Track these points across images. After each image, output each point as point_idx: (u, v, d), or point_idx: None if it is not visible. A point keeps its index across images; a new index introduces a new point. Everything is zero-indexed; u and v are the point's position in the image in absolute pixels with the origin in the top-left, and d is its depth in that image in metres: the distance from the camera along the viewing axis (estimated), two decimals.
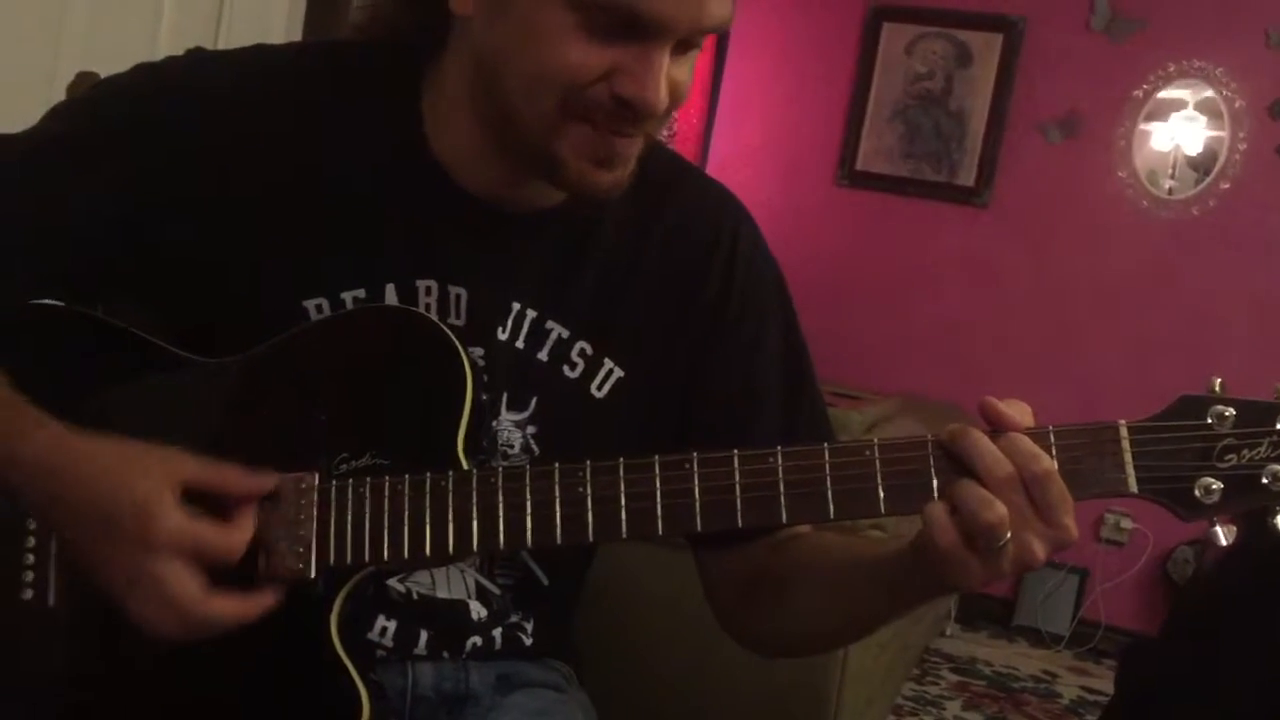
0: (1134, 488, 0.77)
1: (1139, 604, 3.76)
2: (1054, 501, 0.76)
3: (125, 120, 0.95)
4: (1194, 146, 3.82)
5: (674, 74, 0.86)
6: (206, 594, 0.83)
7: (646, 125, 0.88)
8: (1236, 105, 3.74)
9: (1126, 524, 3.76)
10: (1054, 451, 0.77)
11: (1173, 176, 3.86)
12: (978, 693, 3.20)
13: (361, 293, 0.95)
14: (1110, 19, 3.86)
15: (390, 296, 0.96)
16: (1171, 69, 3.81)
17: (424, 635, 0.99)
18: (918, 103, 4.12)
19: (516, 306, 0.98)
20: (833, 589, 0.94)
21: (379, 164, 0.96)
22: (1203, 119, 3.81)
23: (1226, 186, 3.76)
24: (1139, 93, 3.85)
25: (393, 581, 0.98)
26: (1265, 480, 0.75)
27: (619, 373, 1.01)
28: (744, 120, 4.32)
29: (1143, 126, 3.86)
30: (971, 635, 3.72)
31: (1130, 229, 3.86)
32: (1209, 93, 3.79)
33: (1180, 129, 3.83)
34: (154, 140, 0.94)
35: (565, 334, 0.99)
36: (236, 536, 0.85)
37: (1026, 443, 0.77)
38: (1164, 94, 3.84)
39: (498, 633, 1.03)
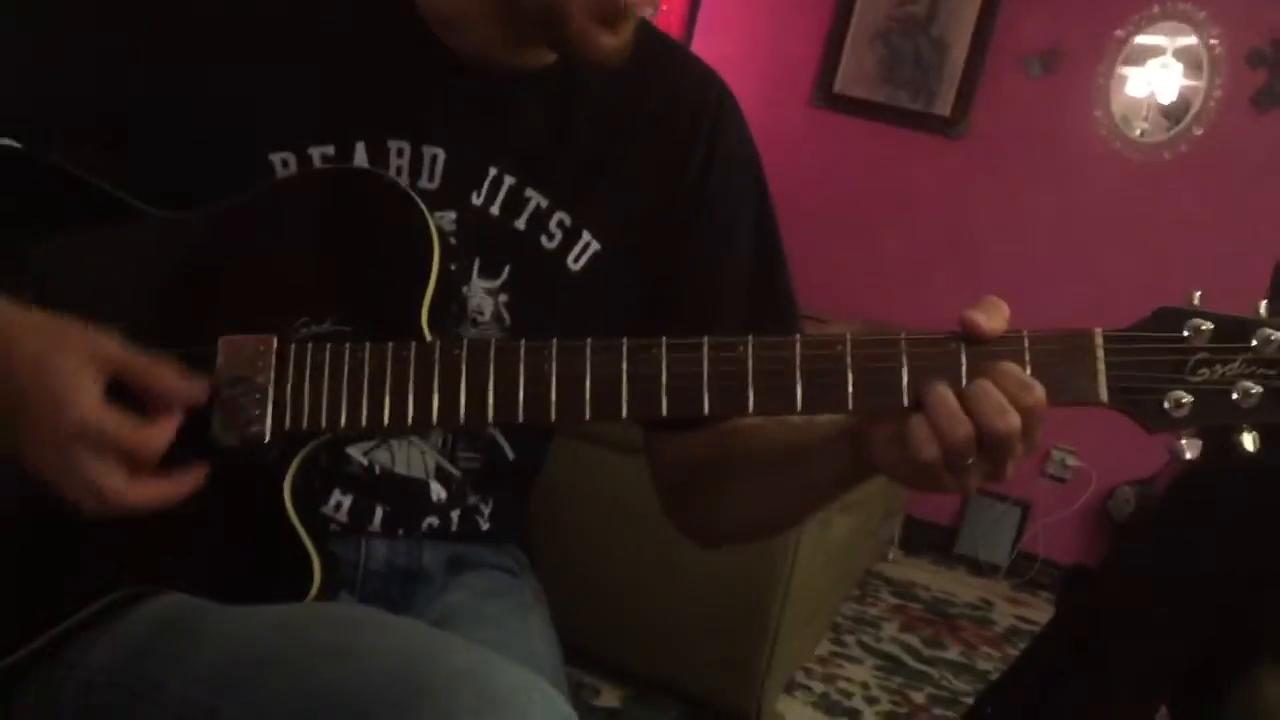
0: (1104, 397, 0.76)
1: (1077, 539, 3.83)
2: (1036, 425, 0.76)
3: None
4: (1168, 95, 3.81)
5: None
6: (126, 483, 0.81)
7: None
8: (1216, 51, 3.73)
9: (1071, 461, 3.82)
10: (1027, 357, 0.77)
11: (1145, 120, 3.85)
12: (914, 616, 3.26)
13: (330, 149, 0.93)
14: None
15: (360, 155, 0.93)
16: (1155, 10, 3.78)
17: (380, 512, 0.99)
18: (900, 26, 4.08)
19: (494, 171, 0.96)
20: (783, 468, 0.94)
21: (358, 18, 0.94)
22: (1179, 67, 3.79)
23: (1199, 133, 3.77)
24: (1121, 32, 3.83)
25: (354, 451, 0.97)
26: (1235, 396, 0.75)
27: (596, 246, 1.00)
28: (723, 33, 4.26)
29: (1121, 70, 3.85)
30: (913, 561, 3.78)
31: (1102, 169, 3.86)
32: (1188, 40, 3.77)
33: (1156, 76, 3.82)
34: None
35: (544, 203, 0.98)
36: (155, 438, 0.82)
37: (1017, 373, 0.76)
38: (1143, 39, 3.81)
39: (455, 514, 1.02)
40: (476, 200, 0.96)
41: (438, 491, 1.00)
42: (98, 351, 0.82)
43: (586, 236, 0.99)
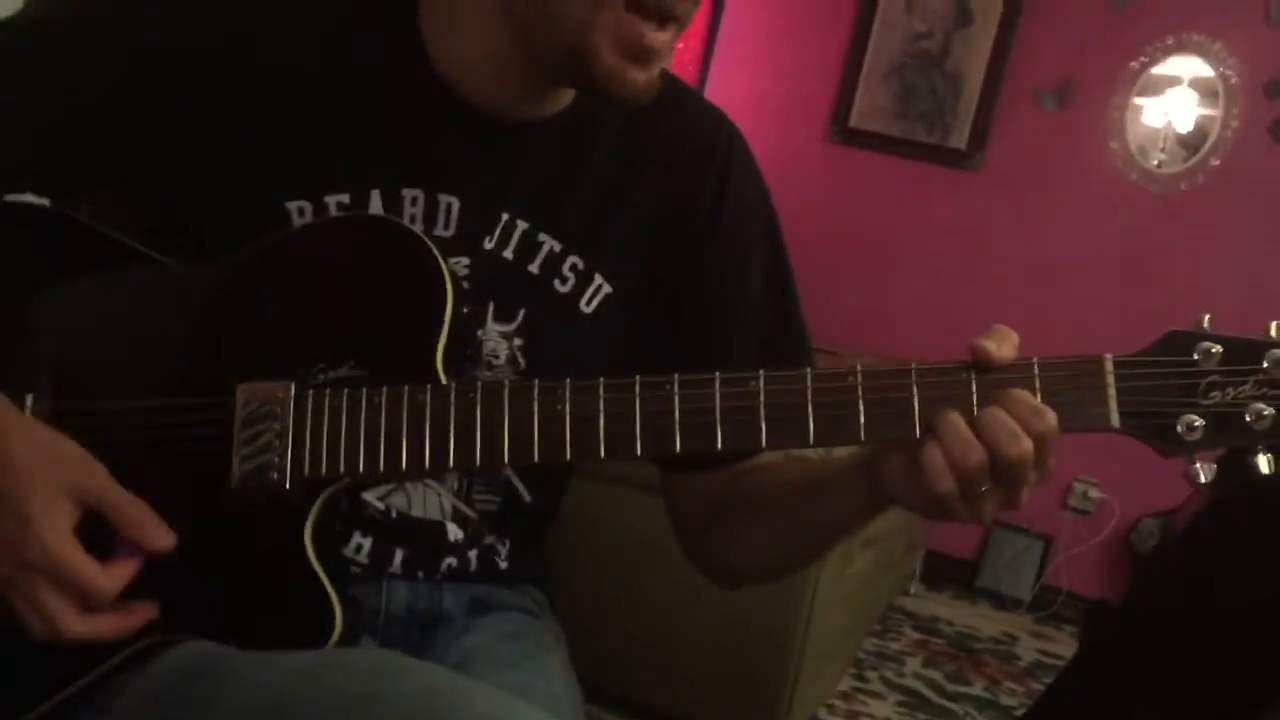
0: (1116, 422, 0.76)
1: (1101, 572, 3.80)
2: (1048, 452, 0.76)
3: (121, 4, 0.93)
4: (1185, 124, 3.81)
5: None
6: (76, 618, 0.81)
7: (684, 4, 0.87)
8: (1232, 81, 3.73)
9: (1093, 493, 3.80)
10: (1038, 384, 0.77)
11: (1163, 150, 3.86)
12: (937, 651, 3.24)
13: (345, 198, 0.94)
14: None
15: (375, 203, 0.94)
16: (1170, 41, 3.79)
17: (399, 554, 0.99)
18: (915, 61, 4.10)
19: (505, 217, 0.97)
20: (798, 505, 0.94)
21: (373, 69, 0.95)
22: (1195, 96, 3.80)
23: (1217, 163, 3.76)
24: (1136, 64, 3.84)
25: (370, 497, 0.97)
26: (1248, 418, 0.74)
27: (607, 288, 1.00)
28: (739, 70, 4.29)
29: (1136, 101, 3.85)
30: (934, 595, 3.75)
31: (1119, 200, 3.86)
32: (1204, 70, 3.77)
33: (1173, 105, 3.82)
34: (150, 26, 0.92)
35: (558, 247, 0.99)
36: (108, 584, 0.82)
37: (1029, 399, 0.76)
38: (1159, 70, 3.82)
39: (473, 554, 1.02)
40: (488, 245, 0.97)
41: (455, 532, 1.01)
42: (81, 483, 0.82)
43: (599, 279, 1.00)
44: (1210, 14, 3.73)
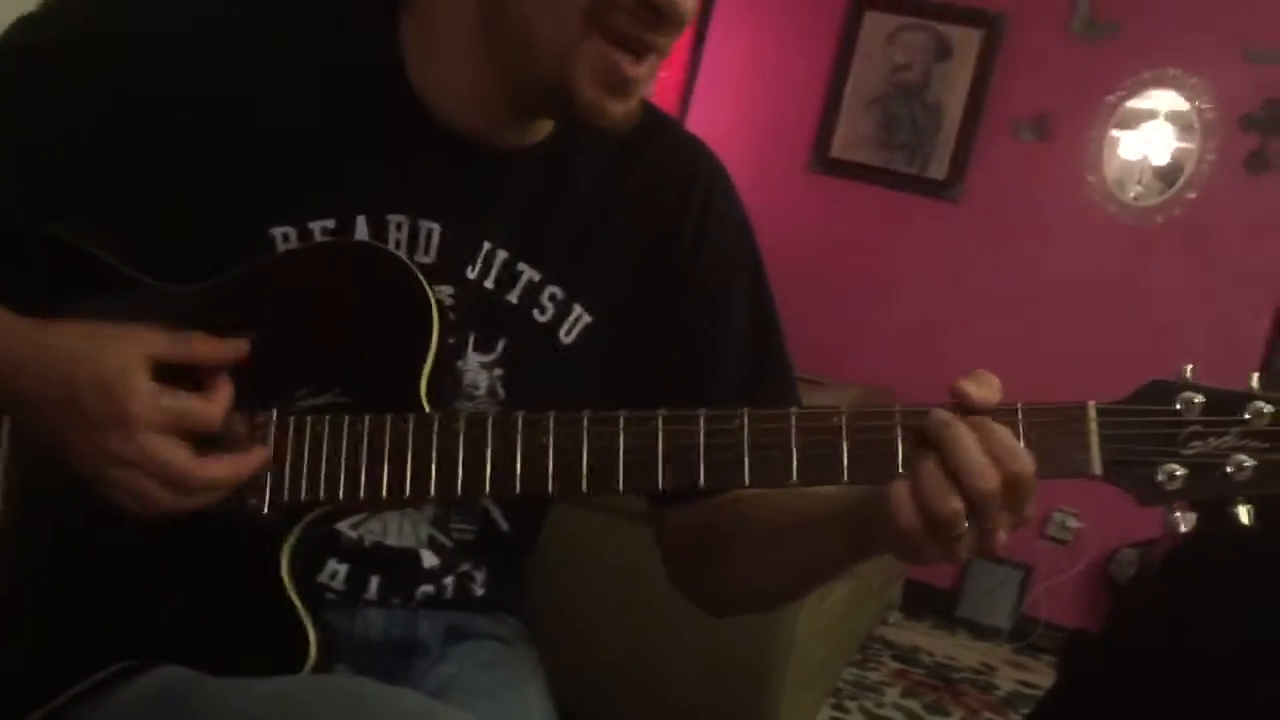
0: (1097, 470, 0.76)
1: (1079, 602, 3.81)
2: (1025, 496, 0.76)
3: (103, 27, 0.93)
4: (1161, 157, 3.85)
5: None
6: (197, 459, 0.82)
7: (668, 33, 0.87)
8: (1208, 115, 3.77)
9: (1072, 523, 3.81)
10: (1020, 429, 0.77)
11: (1139, 183, 3.89)
12: (917, 681, 3.23)
13: (331, 223, 0.94)
14: (1089, 22, 3.88)
15: (360, 229, 0.94)
16: (1146, 76, 3.83)
17: (374, 581, 0.99)
18: (896, 92, 4.13)
19: (487, 246, 0.97)
20: (785, 542, 0.94)
21: (356, 96, 0.95)
22: (1172, 130, 3.84)
23: (1193, 196, 3.80)
24: (1113, 98, 3.87)
25: (344, 527, 0.97)
26: (1229, 469, 0.74)
27: (587, 319, 1.00)
28: (721, 100, 4.31)
29: (1113, 133, 3.89)
30: (914, 624, 3.75)
31: (1096, 231, 3.89)
32: (1180, 104, 3.81)
33: (1150, 139, 3.86)
34: (131, 50, 0.92)
35: (537, 277, 0.99)
36: (214, 404, 0.84)
37: (1006, 437, 0.75)
38: (1135, 103, 3.86)
39: (449, 581, 1.02)
40: (471, 274, 0.97)
41: (430, 559, 1.00)
42: (133, 341, 0.83)
43: (578, 309, 1.00)
44: (1186, 49, 3.78)
